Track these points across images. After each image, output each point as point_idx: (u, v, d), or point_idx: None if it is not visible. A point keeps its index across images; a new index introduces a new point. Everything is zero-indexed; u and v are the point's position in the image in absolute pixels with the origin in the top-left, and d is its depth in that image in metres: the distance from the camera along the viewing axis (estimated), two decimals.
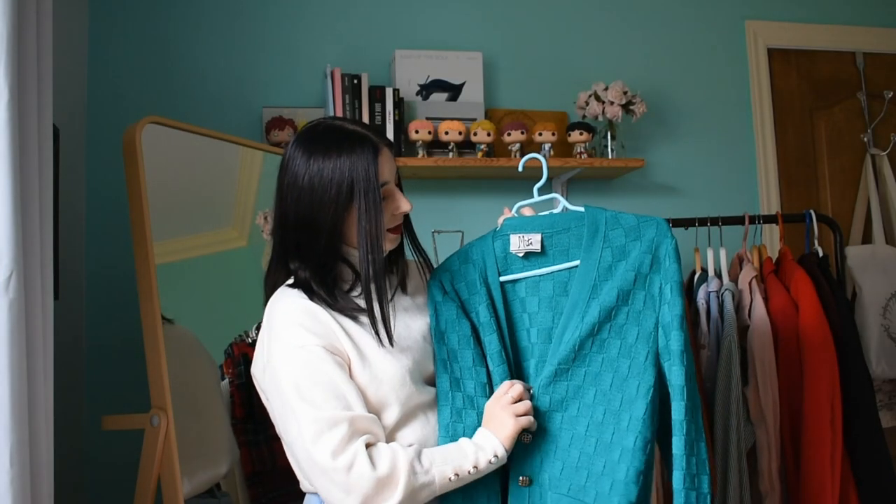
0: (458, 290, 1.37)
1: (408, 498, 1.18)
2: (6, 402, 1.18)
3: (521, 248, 1.33)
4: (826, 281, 2.09)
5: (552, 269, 1.34)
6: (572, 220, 1.34)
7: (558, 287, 1.33)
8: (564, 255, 1.34)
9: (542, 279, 1.34)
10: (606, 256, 1.30)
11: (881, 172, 2.98)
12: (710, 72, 2.95)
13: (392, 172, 1.35)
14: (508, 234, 1.36)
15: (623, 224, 1.31)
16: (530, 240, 1.33)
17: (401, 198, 1.36)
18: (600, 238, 1.32)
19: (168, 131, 1.89)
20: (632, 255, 1.28)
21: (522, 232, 1.34)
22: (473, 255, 1.39)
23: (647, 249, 1.28)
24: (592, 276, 1.30)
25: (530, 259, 1.35)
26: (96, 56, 2.41)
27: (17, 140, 1.23)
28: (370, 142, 1.31)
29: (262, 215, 2.19)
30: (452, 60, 2.65)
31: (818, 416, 1.91)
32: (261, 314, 1.37)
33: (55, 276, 1.60)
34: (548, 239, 1.35)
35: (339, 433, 1.19)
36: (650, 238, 1.29)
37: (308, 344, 1.25)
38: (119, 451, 2.05)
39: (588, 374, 1.28)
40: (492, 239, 1.39)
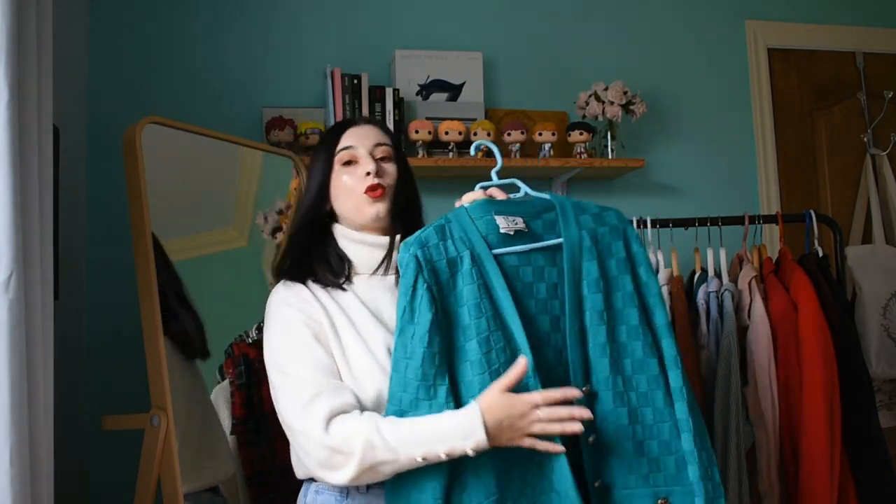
0: (438, 268, 1.28)
1: (365, 472, 1.21)
2: (6, 402, 1.18)
3: (510, 227, 1.32)
4: (826, 281, 2.09)
5: (540, 245, 1.33)
6: (541, 206, 1.37)
7: (548, 258, 1.33)
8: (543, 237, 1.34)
9: (532, 253, 1.32)
10: (585, 238, 1.34)
11: (881, 172, 2.98)
12: (710, 72, 2.95)
13: (364, 141, 1.43)
14: (491, 215, 1.33)
15: (588, 210, 1.38)
16: (515, 220, 1.33)
17: (364, 160, 1.42)
18: (573, 221, 1.36)
19: (168, 131, 1.89)
20: (605, 240, 1.35)
21: (506, 214, 1.33)
22: (454, 232, 1.31)
23: (616, 236, 1.36)
24: (577, 255, 1.32)
25: (516, 238, 1.33)
26: (96, 56, 2.41)
27: (17, 140, 1.23)
28: (346, 119, 1.51)
29: (262, 215, 2.19)
30: (452, 60, 2.65)
31: (817, 416, 1.91)
32: (260, 314, 1.39)
33: (55, 276, 1.60)
34: (527, 222, 1.35)
35: (304, 396, 1.27)
36: (614, 225, 1.37)
37: (290, 317, 1.35)
38: (119, 451, 2.05)
39: (611, 363, 1.29)
40: (468, 218, 1.33)
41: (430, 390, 1.22)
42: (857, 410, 1.99)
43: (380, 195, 1.40)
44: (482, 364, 1.23)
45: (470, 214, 1.33)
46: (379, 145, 1.44)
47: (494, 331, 1.24)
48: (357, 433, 1.21)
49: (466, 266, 1.27)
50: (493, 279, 1.28)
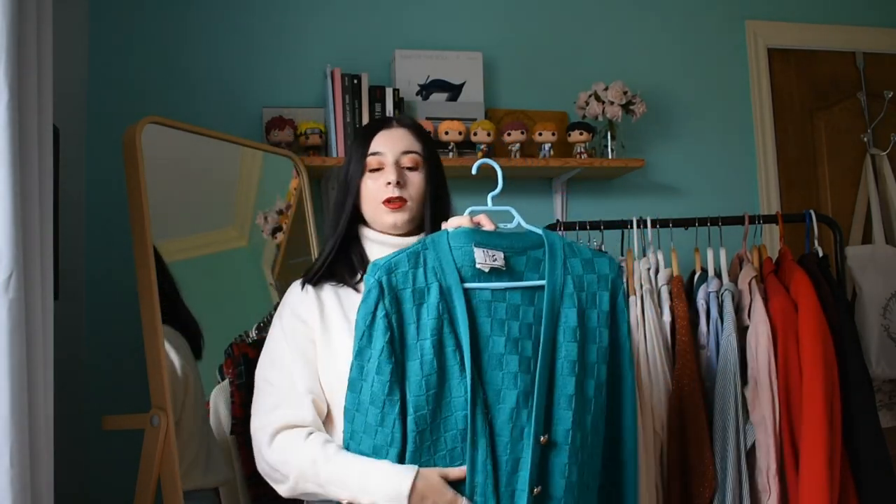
0: (402, 297, 1.24)
1: (298, 494, 1.29)
2: (6, 402, 1.18)
3: (486, 262, 1.25)
4: (826, 281, 2.09)
5: (517, 285, 1.27)
6: (530, 242, 1.31)
7: (527, 297, 1.27)
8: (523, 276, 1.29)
9: (496, 294, 1.26)
10: (569, 284, 1.29)
11: (881, 172, 2.98)
12: (710, 72, 2.95)
13: (393, 148, 1.42)
14: (470, 246, 1.26)
15: (580, 254, 1.33)
16: (495, 256, 1.26)
17: (388, 170, 1.41)
18: (561, 264, 1.30)
19: (168, 131, 1.89)
20: (590, 288, 1.31)
21: (486, 247, 1.26)
22: (429, 259, 1.26)
23: (604, 287, 1.32)
24: (558, 300, 1.28)
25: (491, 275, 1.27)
26: (96, 56, 2.41)
27: (17, 140, 1.23)
28: (382, 119, 1.47)
29: (262, 215, 2.19)
30: (452, 60, 2.65)
31: (817, 416, 1.91)
32: (260, 314, 1.41)
33: (55, 276, 1.60)
34: (508, 259, 1.28)
35: (266, 404, 1.34)
36: (605, 275, 1.33)
37: (283, 325, 1.40)
38: (119, 451, 2.05)
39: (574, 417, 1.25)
40: (448, 246, 1.27)
41: (379, 416, 1.21)
42: (857, 410, 1.99)
43: (398, 207, 1.40)
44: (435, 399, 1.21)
45: (449, 242, 1.27)
46: (407, 153, 1.43)
47: (454, 365, 1.21)
48: (294, 459, 1.27)
49: (433, 299, 1.23)
50: (459, 314, 1.23)
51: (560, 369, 1.24)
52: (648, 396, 1.99)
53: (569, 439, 1.23)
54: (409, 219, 1.42)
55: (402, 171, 1.42)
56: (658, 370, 2.02)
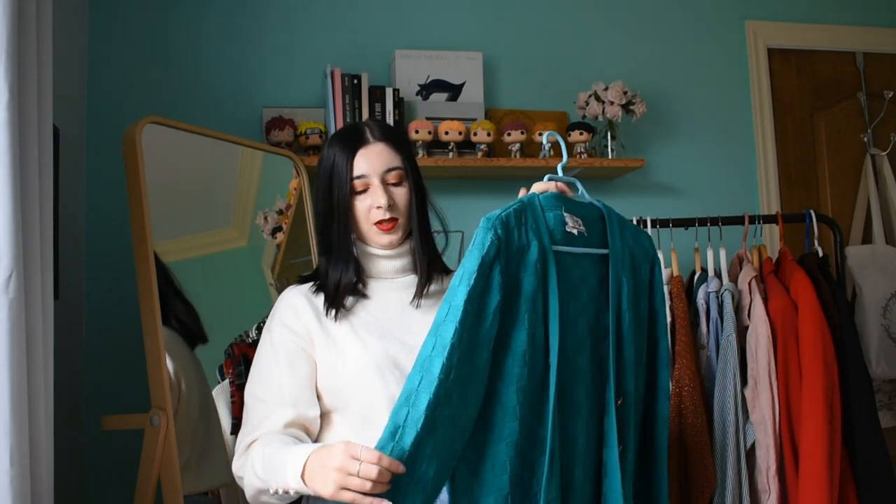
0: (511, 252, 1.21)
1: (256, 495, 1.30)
2: (6, 402, 1.18)
3: (575, 227, 1.30)
4: (826, 281, 2.09)
5: (592, 251, 1.32)
6: (594, 212, 1.37)
7: (592, 265, 1.32)
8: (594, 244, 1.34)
9: (582, 256, 1.31)
10: (626, 254, 1.37)
11: (881, 172, 2.98)
12: (710, 72, 2.95)
13: (376, 166, 1.40)
14: (561, 210, 1.29)
15: (629, 227, 1.41)
16: (578, 221, 1.32)
17: (377, 193, 1.39)
18: (619, 235, 1.37)
19: (168, 131, 1.89)
20: (637, 260, 1.39)
21: (573, 213, 1.31)
22: (528, 218, 1.26)
23: (647, 260, 1.41)
24: (620, 269, 1.34)
25: (576, 238, 1.30)
26: (96, 56, 2.41)
27: (17, 140, 1.23)
28: (357, 134, 1.42)
29: (262, 215, 2.19)
30: (452, 60, 2.65)
31: (817, 416, 1.91)
32: (260, 314, 1.41)
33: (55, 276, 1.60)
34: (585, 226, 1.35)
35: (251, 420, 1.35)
36: (646, 248, 1.42)
37: (273, 336, 1.39)
38: (119, 451, 2.05)
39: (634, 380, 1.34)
40: (540, 208, 1.28)
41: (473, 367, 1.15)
42: (857, 410, 1.99)
43: (391, 228, 1.40)
44: (524, 358, 1.18)
45: (542, 204, 1.28)
46: (390, 171, 1.41)
47: (540, 328, 1.22)
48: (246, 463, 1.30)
49: (532, 257, 1.22)
50: (550, 277, 1.24)
51: (625, 335, 1.31)
52: None
53: (632, 401, 1.32)
54: (402, 235, 1.43)
55: (389, 189, 1.40)
56: None
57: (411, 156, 1.47)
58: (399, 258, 1.44)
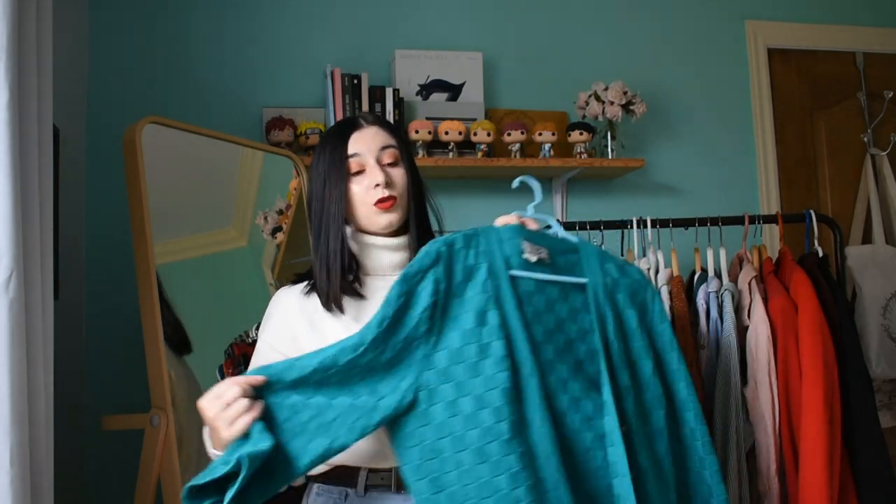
0: (455, 270, 1.25)
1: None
2: (6, 402, 1.18)
3: (533, 254, 1.29)
4: (826, 281, 2.09)
5: (560, 278, 1.31)
6: (567, 246, 1.35)
7: (563, 294, 1.31)
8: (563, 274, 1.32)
9: (548, 284, 1.30)
10: (609, 283, 1.34)
11: (881, 172, 2.98)
12: (710, 72, 2.95)
13: (371, 146, 1.38)
14: (519, 239, 1.30)
15: (612, 260, 1.38)
16: (540, 250, 1.30)
17: (373, 171, 1.37)
18: (597, 266, 1.35)
19: (168, 131, 1.90)
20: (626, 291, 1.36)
21: (533, 242, 1.31)
22: (480, 244, 1.29)
23: (640, 289, 1.38)
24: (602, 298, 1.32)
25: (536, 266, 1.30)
26: (96, 56, 2.41)
27: (17, 140, 1.23)
28: (350, 119, 1.42)
29: (262, 215, 2.19)
30: (452, 60, 2.65)
31: (817, 416, 1.91)
32: (260, 314, 1.40)
33: (55, 276, 1.60)
34: (552, 257, 1.33)
35: None
36: (636, 280, 1.39)
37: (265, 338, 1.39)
38: (119, 451, 2.05)
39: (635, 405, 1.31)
40: (496, 237, 1.31)
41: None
42: (857, 410, 1.99)
43: (390, 206, 1.37)
44: (475, 368, 1.20)
45: (499, 234, 1.31)
46: (385, 148, 1.39)
47: (496, 339, 1.21)
48: None
49: (481, 276, 1.25)
50: (505, 296, 1.25)
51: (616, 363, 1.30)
52: None
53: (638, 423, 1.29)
54: (402, 216, 1.40)
55: (385, 169, 1.39)
56: None
57: (406, 142, 1.46)
58: (397, 251, 1.41)
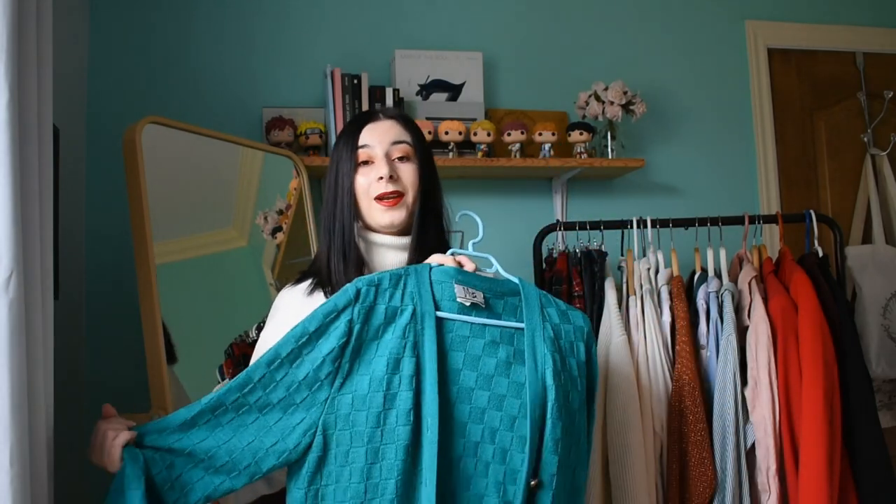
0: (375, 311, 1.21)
1: None
2: (6, 402, 1.18)
3: (467, 297, 1.23)
4: (826, 281, 2.09)
5: (496, 322, 1.25)
6: (508, 289, 1.29)
7: (505, 337, 1.25)
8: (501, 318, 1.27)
9: (488, 327, 1.24)
10: (548, 328, 1.28)
11: (881, 172, 2.98)
12: (710, 72, 2.95)
13: (382, 139, 1.35)
14: (451, 282, 1.25)
15: (555, 305, 1.33)
16: (475, 294, 1.24)
17: (379, 163, 1.34)
18: (538, 311, 1.29)
19: (168, 131, 1.89)
20: (568, 337, 1.31)
21: (466, 285, 1.25)
22: (409, 284, 1.25)
23: (580, 338, 1.32)
24: (540, 342, 1.26)
25: (470, 309, 1.25)
26: (96, 56, 2.41)
27: (17, 140, 1.23)
28: (368, 111, 1.41)
29: (262, 215, 2.19)
30: (452, 60, 2.65)
31: (817, 416, 1.91)
32: (260, 314, 1.41)
33: (55, 276, 1.60)
34: (487, 300, 1.27)
35: None
36: (580, 326, 1.33)
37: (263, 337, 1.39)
38: None
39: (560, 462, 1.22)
40: (428, 277, 1.25)
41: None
42: (857, 410, 1.99)
43: (393, 204, 1.34)
44: (378, 418, 1.15)
45: (431, 275, 1.26)
46: (397, 143, 1.36)
47: (405, 390, 1.16)
48: None
49: (404, 320, 1.21)
50: (426, 341, 1.20)
51: (549, 412, 1.22)
52: (648, 397, 1.99)
53: (553, 484, 1.20)
54: (405, 216, 1.36)
55: (394, 163, 1.35)
56: (658, 370, 2.01)
57: (422, 139, 1.42)
58: (401, 251, 1.37)
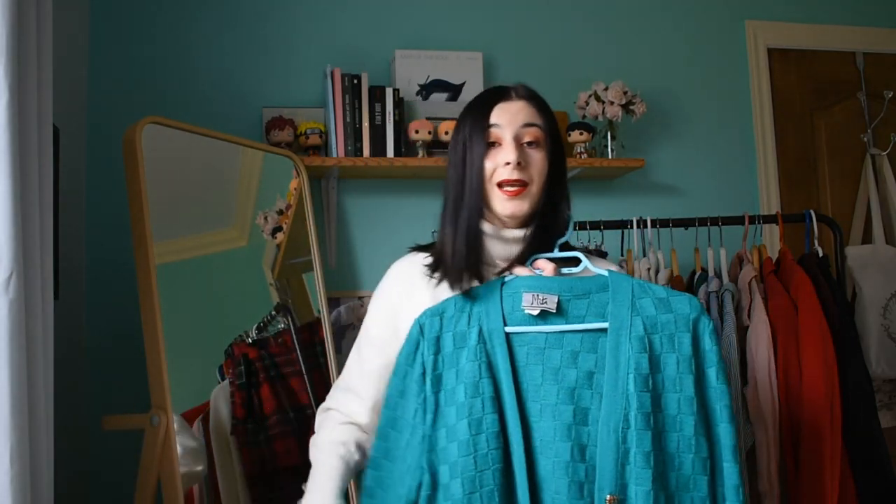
0: (443, 340, 1.19)
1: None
2: (6, 402, 1.18)
3: (534, 305, 1.16)
4: (826, 281, 2.09)
5: (570, 328, 1.16)
6: (594, 284, 1.19)
7: (588, 343, 1.15)
8: (581, 320, 1.18)
9: (567, 335, 1.16)
10: (637, 325, 1.16)
11: (881, 172, 2.98)
12: (710, 72, 2.95)
13: (513, 120, 1.25)
14: (520, 291, 1.18)
15: (652, 294, 1.19)
16: (545, 299, 1.16)
17: (507, 147, 1.24)
18: (627, 305, 1.17)
19: (168, 131, 1.90)
20: (666, 330, 1.16)
21: (538, 290, 1.17)
22: (476, 304, 1.20)
23: (684, 327, 1.16)
24: (625, 343, 1.15)
25: (546, 318, 1.17)
26: (96, 56, 2.41)
27: (17, 140, 1.23)
28: (499, 88, 1.31)
29: (263, 215, 2.19)
30: (452, 60, 2.65)
31: (817, 416, 1.91)
32: (260, 314, 1.41)
33: (55, 276, 1.60)
34: (565, 303, 1.17)
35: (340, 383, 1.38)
36: (684, 314, 1.17)
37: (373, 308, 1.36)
38: (119, 451, 2.05)
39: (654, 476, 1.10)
40: (500, 293, 1.20)
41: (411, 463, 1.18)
42: (857, 410, 1.99)
43: (516, 193, 1.24)
44: (469, 446, 1.11)
45: (502, 288, 1.21)
46: (528, 126, 1.26)
47: (489, 413, 1.12)
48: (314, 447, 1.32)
49: (472, 342, 1.17)
50: (500, 360, 1.15)
51: (634, 422, 1.10)
52: None
53: (650, 500, 1.08)
54: (529, 207, 1.26)
55: (522, 148, 1.25)
56: None
57: (555, 125, 1.32)
58: (509, 244, 1.28)
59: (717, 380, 1.15)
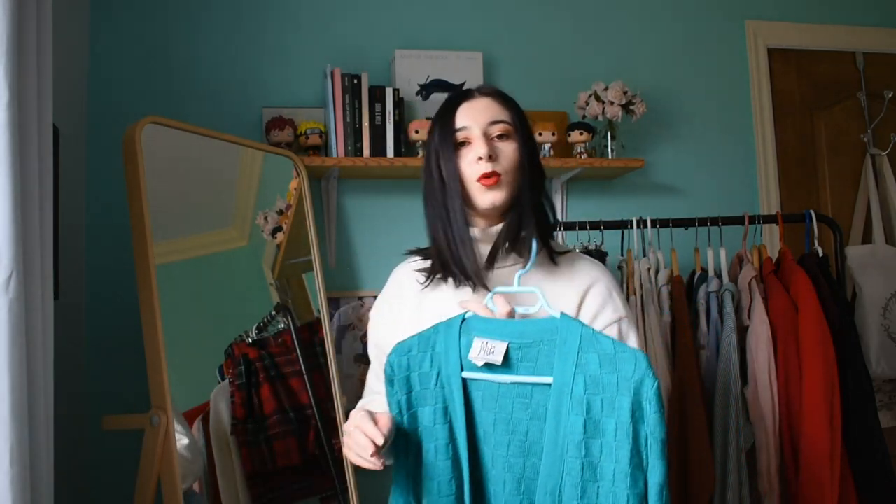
0: (411, 380, 1.21)
1: None
2: (6, 401, 1.18)
3: (481, 355, 1.14)
4: (826, 281, 2.09)
5: (518, 380, 1.14)
6: (545, 331, 1.15)
7: (537, 393, 1.13)
8: (531, 370, 1.14)
9: (502, 387, 1.15)
10: (579, 384, 1.10)
11: (881, 172, 2.98)
12: (710, 72, 2.95)
13: (479, 118, 1.30)
14: (471, 336, 1.18)
15: (598, 349, 1.11)
16: (493, 348, 1.14)
17: (477, 143, 1.28)
18: (573, 359, 1.11)
19: (168, 131, 1.90)
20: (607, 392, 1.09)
21: (488, 337, 1.16)
22: (437, 344, 1.21)
23: (626, 391, 1.07)
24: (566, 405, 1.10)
25: (495, 368, 1.16)
26: (96, 56, 2.41)
27: (17, 140, 1.23)
28: (463, 91, 1.35)
29: (262, 215, 2.19)
30: (452, 60, 2.64)
31: (817, 416, 1.91)
32: (260, 314, 1.41)
33: (55, 276, 1.60)
34: (514, 351, 1.15)
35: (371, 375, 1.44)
36: (627, 376, 1.08)
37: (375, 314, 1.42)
38: (119, 451, 2.05)
39: None
40: (458, 332, 1.20)
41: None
42: (857, 410, 1.99)
43: (494, 183, 1.27)
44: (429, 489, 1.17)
45: (460, 328, 1.20)
46: (495, 123, 1.30)
47: (443, 459, 1.15)
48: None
49: (431, 385, 1.19)
50: (456, 405, 1.17)
51: (568, 490, 1.08)
52: None
53: None
54: (507, 196, 1.29)
55: (492, 143, 1.29)
56: (658, 370, 2.02)
57: (523, 117, 1.35)
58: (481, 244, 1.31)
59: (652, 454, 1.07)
